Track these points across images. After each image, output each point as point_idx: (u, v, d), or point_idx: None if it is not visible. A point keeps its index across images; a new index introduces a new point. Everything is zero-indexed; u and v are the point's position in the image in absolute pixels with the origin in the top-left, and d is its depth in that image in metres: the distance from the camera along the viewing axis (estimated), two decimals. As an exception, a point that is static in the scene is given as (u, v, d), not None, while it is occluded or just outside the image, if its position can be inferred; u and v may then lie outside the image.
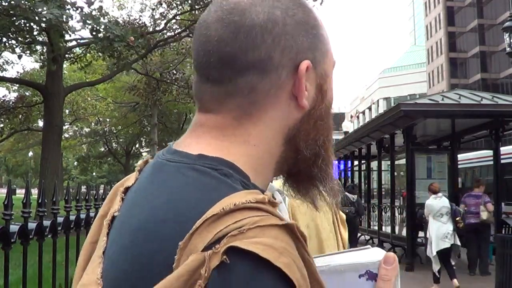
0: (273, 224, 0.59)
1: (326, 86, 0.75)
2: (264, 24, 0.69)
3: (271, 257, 0.55)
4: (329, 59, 0.76)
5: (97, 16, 12.42)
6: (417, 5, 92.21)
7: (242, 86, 0.69)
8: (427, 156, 11.09)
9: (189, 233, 0.58)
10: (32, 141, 36.28)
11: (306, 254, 0.61)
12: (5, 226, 1.83)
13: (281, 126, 0.72)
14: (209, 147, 0.69)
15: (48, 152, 16.74)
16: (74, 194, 2.73)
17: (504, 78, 54.43)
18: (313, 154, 0.75)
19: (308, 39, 0.72)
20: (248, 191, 0.63)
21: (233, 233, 0.57)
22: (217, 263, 0.55)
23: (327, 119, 0.76)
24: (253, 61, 0.68)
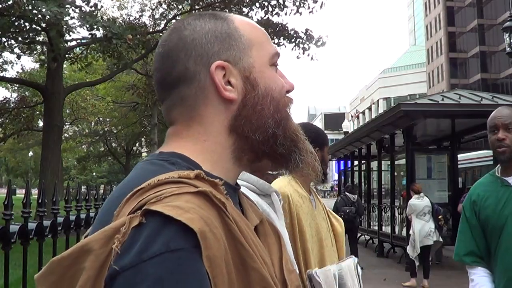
0: (187, 191, 0.71)
1: (253, 76, 0.86)
2: (175, 45, 0.86)
3: (174, 213, 0.67)
4: (257, 51, 0.88)
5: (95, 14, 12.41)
6: (417, 5, 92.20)
7: (175, 98, 0.86)
8: (427, 156, 11.09)
9: (121, 203, 0.72)
10: (32, 141, 36.27)
11: (227, 218, 0.72)
12: (5, 226, 1.83)
13: (221, 120, 0.85)
14: (169, 147, 0.86)
15: (48, 152, 16.73)
16: (74, 194, 2.73)
17: (504, 78, 54.44)
18: (268, 137, 0.86)
19: (218, 43, 0.86)
20: (177, 171, 0.76)
21: (152, 200, 0.69)
22: (136, 223, 0.68)
23: (269, 102, 0.86)
24: (176, 76, 0.85)
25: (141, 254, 0.66)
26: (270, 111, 0.86)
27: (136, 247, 0.66)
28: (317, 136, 2.15)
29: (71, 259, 0.70)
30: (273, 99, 0.87)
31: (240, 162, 0.87)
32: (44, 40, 17.04)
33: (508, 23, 11.13)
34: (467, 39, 60.70)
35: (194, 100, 0.85)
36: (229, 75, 0.85)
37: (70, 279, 0.69)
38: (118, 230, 0.68)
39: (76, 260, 0.69)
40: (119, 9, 25.44)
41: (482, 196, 2.40)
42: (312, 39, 17.61)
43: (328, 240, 2.11)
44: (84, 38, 18.18)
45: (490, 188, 2.40)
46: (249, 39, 0.88)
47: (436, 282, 8.91)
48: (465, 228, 2.45)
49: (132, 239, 0.67)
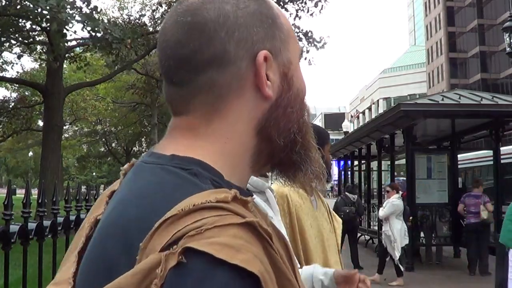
0: (232, 223, 0.59)
1: (290, 73, 0.76)
2: (215, 19, 0.70)
3: (226, 255, 0.55)
4: (293, 46, 0.78)
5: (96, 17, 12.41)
6: (417, 5, 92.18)
7: (202, 84, 0.71)
8: (427, 156, 11.07)
9: (149, 234, 0.58)
10: (32, 141, 36.29)
11: (272, 251, 0.61)
12: (5, 226, 1.83)
13: (250, 118, 0.73)
14: (182, 147, 0.70)
15: (48, 152, 16.73)
16: (74, 194, 2.73)
17: (504, 78, 54.42)
18: (288, 142, 0.76)
19: (264, 29, 0.73)
20: (212, 190, 0.63)
21: (191, 233, 0.57)
22: (174, 264, 0.55)
23: (298, 106, 0.77)
24: (209, 57, 0.70)
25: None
26: (297, 115, 0.77)
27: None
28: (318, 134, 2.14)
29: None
30: (302, 102, 0.78)
31: (255, 166, 0.76)
32: (44, 40, 17.04)
33: (508, 23, 11.12)
34: (467, 39, 60.69)
35: (225, 90, 0.71)
36: (269, 69, 0.73)
37: None
38: (151, 272, 0.56)
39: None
40: (119, 9, 25.44)
41: None
42: (312, 42, 17.59)
43: (331, 241, 2.10)
44: (84, 39, 18.19)
45: None
46: (287, 29, 0.77)
47: (436, 282, 8.91)
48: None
49: (173, 286, 0.55)
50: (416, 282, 8.92)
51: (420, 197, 10.57)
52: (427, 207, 10.65)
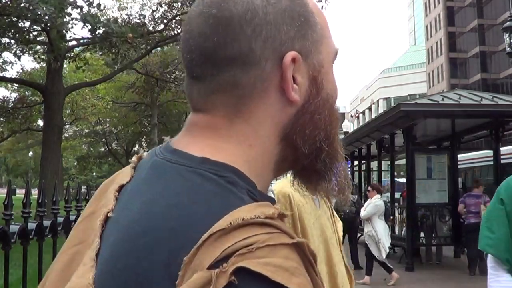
0: (284, 243, 0.56)
1: (321, 77, 0.70)
2: (242, 14, 0.65)
3: (282, 279, 0.52)
4: (326, 48, 0.72)
5: (96, 14, 12.42)
6: (417, 5, 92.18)
7: (225, 82, 0.66)
8: (427, 156, 11.07)
9: (194, 248, 0.54)
10: (32, 141, 36.30)
11: (314, 274, 0.58)
12: (5, 226, 1.83)
13: (275, 123, 0.68)
14: (209, 149, 0.66)
15: (48, 152, 16.74)
16: (74, 194, 2.73)
17: (504, 78, 54.43)
18: (314, 150, 0.71)
19: (295, 28, 0.68)
20: (257, 204, 0.60)
21: (242, 251, 0.53)
22: (225, 284, 0.52)
23: (327, 112, 0.71)
24: (234, 54, 0.65)
25: None
26: (325, 122, 0.71)
27: None
28: None
29: None
30: (331, 108, 0.72)
31: (277, 172, 0.73)
32: (44, 40, 17.04)
33: (508, 23, 11.12)
34: (467, 39, 60.69)
35: (249, 90, 0.66)
36: (297, 71, 0.67)
37: None
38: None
39: None
40: (119, 9, 25.43)
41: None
42: None
43: (333, 240, 2.09)
44: (84, 38, 18.19)
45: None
46: (322, 29, 0.71)
47: (436, 282, 8.91)
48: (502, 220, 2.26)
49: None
50: (416, 282, 8.93)
51: (420, 197, 10.57)
52: (427, 207, 10.65)
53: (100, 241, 0.65)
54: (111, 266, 0.60)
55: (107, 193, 0.71)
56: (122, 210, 0.65)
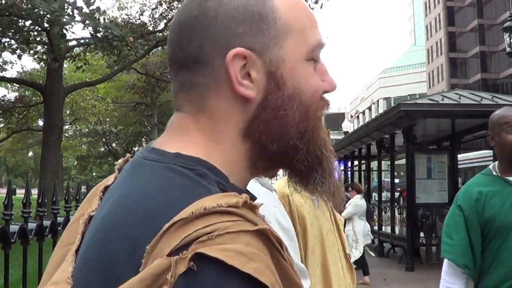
0: (244, 230, 0.57)
1: (280, 72, 0.69)
2: (195, 17, 0.69)
3: (238, 263, 0.54)
4: (293, 43, 0.71)
5: (97, 17, 12.40)
6: (417, 5, 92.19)
7: (183, 81, 0.71)
8: (427, 156, 11.07)
9: (157, 236, 0.56)
10: (32, 141, 36.31)
11: (282, 259, 0.59)
12: (5, 226, 1.83)
13: (237, 120, 0.69)
14: (182, 144, 0.68)
15: (48, 152, 16.74)
16: (74, 194, 2.73)
17: (504, 78, 54.44)
18: (288, 149, 0.71)
19: (246, 25, 0.69)
20: (222, 194, 0.61)
21: (202, 238, 0.55)
22: (184, 270, 0.54)
23: (296, 108, 0.70)
24: (188, 55, 0.69)
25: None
26: (295, 119, 0.70)
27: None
28: None
29: None
30: (302, 103, 0.71)
31: (254, 170, 0.73)
32: (44, 40, 17.04)
33: (508, 23, 11.12)
34: (467, 39, 60.70)
35: (205, 89, 0.69)
36: (251, 67, 0.68)
37: None
38: (159, 277, 0.54)
39: None
40: (119, 9, 25.44)
41: (486, 194, 2.28)
42: None
43: (330, 241, 2.10)
44: (84, 38, 18.18)
45: (492, 187, 2.30)
46: (286, 24, 0.71)
47: (436, 282, 8.89)
48: (460, 226, 2.30)
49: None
50: (416, 282, 8.93)
51: (420, 197, 10.57)
52: (427, 207, 10.65)
53: (82, 239, 0.69)
54: (86, 258, 0.64)
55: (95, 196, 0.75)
56: (100, 208, 0.69)
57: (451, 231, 2.34)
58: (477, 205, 2.29)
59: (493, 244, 2.24)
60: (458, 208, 2.34)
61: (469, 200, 2.32)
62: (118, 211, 0.63)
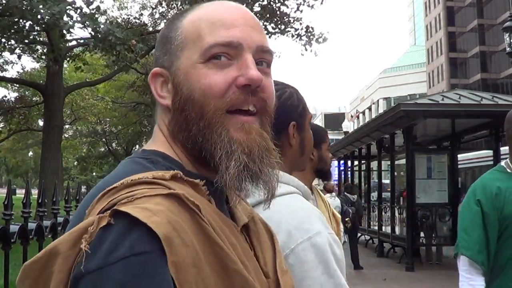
0: (159, 193, 0.70)
1: (178, 79, 0.82)
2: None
3: (141, 216, 0.65)
4: (188, 51, 0.82)
5: (97, 17, 12.39)
6: (417, 5, 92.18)
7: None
8: (427, 156, 11.07)
9: (93, 202, 0.71)
10: (32, 141, 36.28)
11: (201, 220, 0.70)
12: (5, 226, 1.83)
13: (165, 124, 0.86)
14: (152, 143, 0.86)
15: (48, 152, 16.74)
16: (74, 194, 2.73)
17: (504, 78, 54.42)
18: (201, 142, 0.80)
19: (160, 49, 0.87)
20: (153, 171, 0.75)
21: (123, 201, 0.68)
22: (104, 224, 0.66)
23: (190, 107, 0.80)
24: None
25: (106, 256, 0.64)
26: (193, 117, 0.80)
27: (102, 249, 0.65)
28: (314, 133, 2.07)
29: (41, 262, 0.69)
30: (193, 103, 0.80)
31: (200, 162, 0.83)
32: (44, 40, 17.04)
33: (508, 23, 11.12)
34: (467, 39, 60.69)
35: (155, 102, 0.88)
36: (167, 82, 0.85)
37: (44, 283, 0.68)
38: (86, 230, 0.67)
39: (46, 264, 0.68)
40: (119, 9, 25.44)
41: (505, 190, 2.25)
42: (313, 37, 17.65)
43: None
44: (84, 39, 18.18)
45: (510, 184, 2.27)
46: (184, 38, 0.84)
47: (436, 282, 8.91)
48: (477, 222, 2.25)
49: (100, 240, 0.66)
50: (416, 282, 8.93)
51: (420, 197, 10.57)
52: (427, 207, 10.65)
53: None
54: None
55: None
56: None
57: (467, 226, 2.30)
58: (496, 200, 2.25)
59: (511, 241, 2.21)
60: (476, 203, 2.29)
61: (489, 195, 2.27)
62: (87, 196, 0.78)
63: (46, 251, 0.69)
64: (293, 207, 1.21)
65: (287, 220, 1.16)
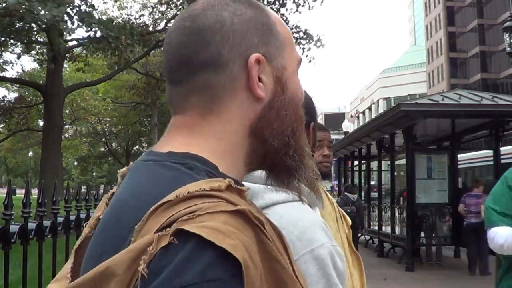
0: (223, 210, 0.62)
1: (284, 78, 0.80)
2: (212, 25, 0.76)
3: (214, 238, 0.58)
4: (289, 55, 0.82)
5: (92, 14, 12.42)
6: (417, 5, 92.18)
7: (198, 84, 0.76)
8: (427, 156, 11.07)
9: (144, 217, 0.63)
10: (32, 141, 36.27)
11: (263, 236, 0.64)
12: (5, 226, 1.83)
13: (243, 118, 0.77)
14: (179, 144, 0.75)
15: (48, 152, 16.74)
16: (74, 194, 2.73)
17: (504, 78, 54.42)
18: (282, 145, 0.79)
19: (258, 35, 0.78)
20: (207, 180, 0.67)
21: (184, 218, 0.61)
22: (165, 244, 0.59)
23: (292, 110, 0.80)
24: (205, 59, 0.75)
25: (172, 281, 0.57)
26: (291, 119, 0.80)
27: (166, 273, 0.58)
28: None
29: (91, 284, 0.62)
30: (296, 107, 0.82)
31: (250, 166, 0.80)
32: (44, 40, 17.04)
33: (508, 23, 11.12)
34: (467, 39, 60.69)
35: (219, 90, 0.76)
36: (262, 72, 0.77)
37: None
38: (144, 250, 0.59)
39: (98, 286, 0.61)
40: (119, 9, 25.44)
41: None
42: (311, 39, 17.67)
43: (337, 240, 2.07)
44: (84, 38, 18.19)
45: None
46: (284, 37, 0.82)
47: (436, 282, 8.91)
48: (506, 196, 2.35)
49: (162, 263, 0.59)
50: (416, 282, 8.93)
51: (420, 197, 10.57)
52: (427, 207, 10.65)
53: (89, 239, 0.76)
54: (91, 251, 0.71)
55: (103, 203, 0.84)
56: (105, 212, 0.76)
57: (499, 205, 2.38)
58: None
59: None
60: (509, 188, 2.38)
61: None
62: (115, 207, 0.71)
63: (97, 272, 0.61)
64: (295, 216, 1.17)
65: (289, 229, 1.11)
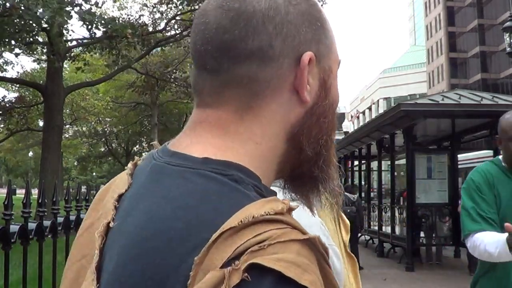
0: (294, 239, 0.55)
1: (330, 81, 0.70)
2: (265, 11, 0.65)
3: (295, 275, 0.52)
4: (334, 55, 0.72)
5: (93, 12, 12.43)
6: (417, 5, 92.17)
7: (240, 76, 0.65)
8: (427, 156, 11.07)
9: (205, 248, 0.53)
10: (32, 141, 36.28)
11: (326, 266, 0.58)
12: (5, 226, 1.83)
13: (284, 122, 0.67)
14: (213, 148, 0.64)
15: (48, 152, 16.74)
16: (74, 194, 2.73)
17: (504, 78, 54.42)
18: (314, 154, 0.70)
19: (312, 31, 0.68)
20: (265, 200, 0.59)
21: (253, 248, 0.53)
22: (238, 281, 0.51)
23: (331, 117, 0.71)
24: (253, 48, 0.64)
25: None
26: (329, 127, 0.71)
27: None
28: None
29: None
30: (334, 114, 0.73)
31: (277, 176, 0.71)
32: (44, 40, 17.05)
33: (508, 23, 11.12)
34: (467, 39, 60.70)
35: (264, 87, 0.65)
36: (310, 72, 0.67)
37: None
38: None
39: None
40: (119, 9, 25.44)
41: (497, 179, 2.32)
42: None
43: (335, 241, 2.08)
44: (84, 38, 18.18)
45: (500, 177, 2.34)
46: (332, 37, 0.72)
47: (436, 282, 8.91)
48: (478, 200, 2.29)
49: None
50: (416, 282, 8.93)
51: (420, 197, 10.57)
52: (427, 207, 10.65)
53: (102, 253, 0.64)
54: (119, 274, 0.59)
55: (104, 202, 0.70)
56: (124, 218, 0.64)
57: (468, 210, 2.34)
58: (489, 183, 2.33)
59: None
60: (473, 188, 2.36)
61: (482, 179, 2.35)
62: (155, 222, 0.59)
63: None
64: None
65: None
